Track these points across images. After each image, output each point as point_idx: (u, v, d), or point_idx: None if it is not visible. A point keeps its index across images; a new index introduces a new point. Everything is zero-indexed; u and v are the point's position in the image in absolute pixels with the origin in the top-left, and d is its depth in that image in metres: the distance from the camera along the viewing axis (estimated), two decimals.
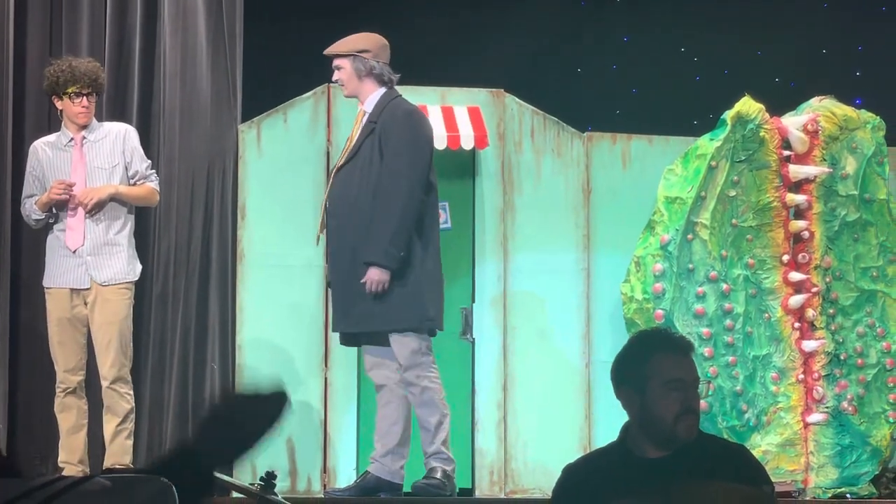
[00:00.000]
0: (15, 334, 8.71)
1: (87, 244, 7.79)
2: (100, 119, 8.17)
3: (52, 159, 7.95)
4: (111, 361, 7.71)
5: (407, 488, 7.65)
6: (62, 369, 7.82)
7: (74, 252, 7.79)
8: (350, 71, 7.69)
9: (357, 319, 7.52)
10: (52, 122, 8.83)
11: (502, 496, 8.91)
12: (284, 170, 9.04)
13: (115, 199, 7.85)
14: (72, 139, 7.95)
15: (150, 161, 8.13)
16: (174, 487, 3.88)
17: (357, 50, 7.71)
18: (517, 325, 9.14)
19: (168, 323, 8.96)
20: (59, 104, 7.95)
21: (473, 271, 9.08)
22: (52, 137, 8.07)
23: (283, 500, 5.09)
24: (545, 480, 8.58)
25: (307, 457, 8.85)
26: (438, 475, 7.43)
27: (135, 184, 7.97)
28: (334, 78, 7.77)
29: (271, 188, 9.04)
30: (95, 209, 7.80)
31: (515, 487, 8.99)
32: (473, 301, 9.05)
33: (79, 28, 9.00)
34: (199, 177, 9.10)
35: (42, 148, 8.03)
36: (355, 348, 8.76)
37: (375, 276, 7.31)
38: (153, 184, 8.04)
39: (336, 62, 7.74)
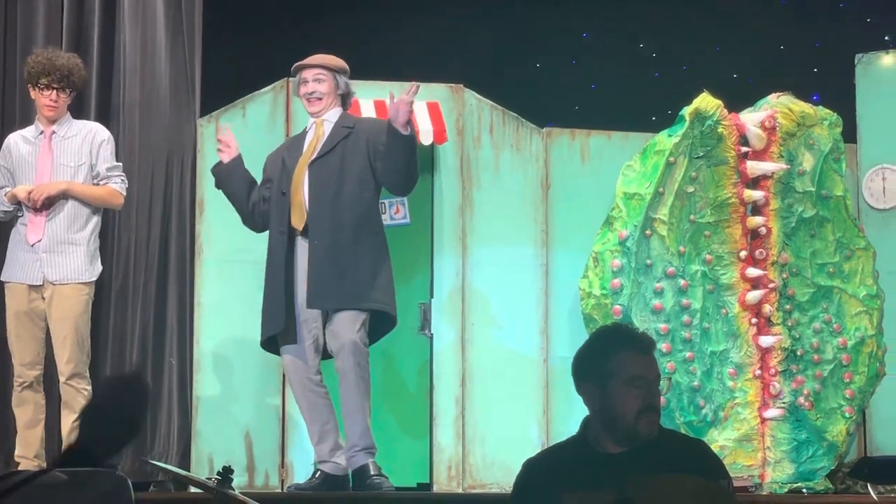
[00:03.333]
0: None
1: (46, 240, 7.70)
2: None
3: (22, 152, 7.88)
4: (67, 357, 7.63)
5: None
6: (19, 363, 7.74)
7: (33, 246, 7.70)
8: (332, 85, 7.79)
9: (335, 298, 7.50)
10: (6, 117, 8.76)
11: (460, 491, 8.89)
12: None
13: (67, 196, 7.75)
14: (42, 133, 7.87)
15: (118, 164, 8.02)
16: (129, 481, 3.84)
17: (340, 68, 7.84)
18: (475, 320, 9.12)
19: (128, 318, 8.94)
20: (32, 94, 7.89)
21: (432, 266, 9.07)
22: (26, 130, 8.00)
23: (239, 495, 5.05)
24: (503, 475, 8.57)
25: (265, 452, 8.82)
26: (375, 471, 7.44)
27: (96, 184, 7.88)
28: (311, 89, 7.75)
29: None
30: (44, 205, 7.71)
31: (473, 482, 8.97)
32: (432, 296, 9.03)
33: (34, 20, 8.93)
34: (158, 171, 9.09)
35: (15, 140, 7.97)
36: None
37: None
38: (116, 186, 7.92)
39: (318, 73, 7.77)
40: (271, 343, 7.71)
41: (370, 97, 9.02)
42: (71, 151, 7.84)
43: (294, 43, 9.79)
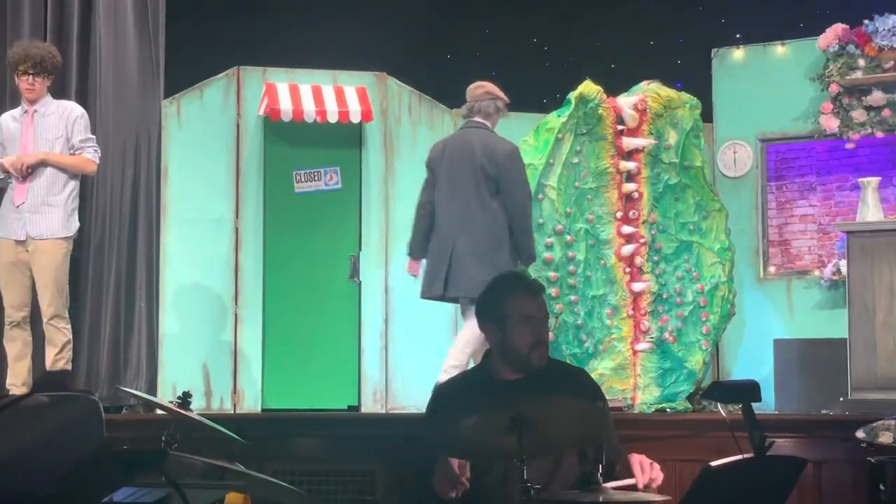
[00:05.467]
0: None
1: (28, 202, 7.56)
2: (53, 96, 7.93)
3: (11, 129, 7.74)
4: (48, 301, 7.52)
5: None
6: (8, 306, 7.63)
7: (17, 207, 7.58)
8: None
9: None
10: (0, 99, 8.64)
11: (384, 411, 8.88)
12: (200, 139, 8.95)
13: (45, 164, 7.59)
14: (25, 111, 7.73)
15: (92, 136, 7.84)
16: (101, 404, 3.76)
17: None
18: (397, 269, 9.09)
19: (104, 268, 8.87)
20: (15, 80, 7.76)
21: (360, 224, 9.02)
22: (14, 110, 7.87)
23: (196, 416, 4.98)
24: (419, 398, 8.54)
25: (219, 380, 8.76)
26: None
27: (72, 154, 7.73)
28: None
29: (189, 155, 8.95)
30: (25, 172, 7.56)
31: (394, 404, 8.97)
32: (360, 249, 8.98)
33: (21, 17, 8.79)
34: (129, 145, 9.00)
35: (5, 119, 7.83)
36: (261, 290, 8.72)
37: None
38: (89, 155, 7.77)
39: None
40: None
41: (308, 83, 8.94)
42: (49, 127, 7.69)
43: (242, 36, 9.72)
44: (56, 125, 7.70)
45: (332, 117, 8.75)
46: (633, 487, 4.46)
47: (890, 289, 7.53)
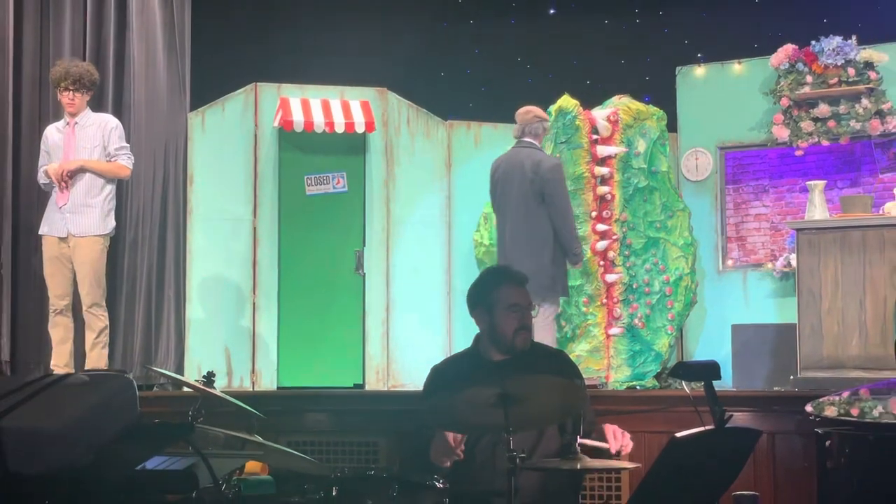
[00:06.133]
0: (16, 271, 8.54)
1: (69, 204, 7.58)
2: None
3: (55, 139, 7.75)
4: (87, 291, 7.54)
5: None
6: (52, 295, 7.64)
7: (60, 208, 7.59)
8: None
9: None
10: (41, 112, 8.65)
11: (386, 389, 8.89)
12: (222, 147, 8.94)
13: (83, 170, 7.61)
14: (67, 123, 7.72)
15: (126, 145, 7.84)
16: (134, 382, 3.77)
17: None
18: (397, 262, 9.10)
19: (137, 262, 8.87)
20: (58, 95, 7.76)
21: (364, 223, 9.02)
22: (58, 122, 7.87)
23: (219, 392, 5.00)
24: (417, 377, 8.54)
25: (239, 362, 8.76)
26: None
27: (108, 161, 7.74)
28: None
29: (213, 161, 8.93)
30: (65, 178, 7.58)
31: (395, 383, 8.97)
32: (364, 245, 8.98)
33: (62, 37, 8.80)
34: (159, 152, 9.00)
35: (50, 130, 7.84)
36: (276, 281, 8.72)
37: None
38: (123, 162, 7.78)
39: None
40: None
41: (318, 97, 8.95)
42: (88, 137, 7.70)
43: (260, 55, 9.71)
44: (94, 135, 7.71)
45: (339, 128, 8.75)
46: (607, 451, 4.49)
47: (834, 279, 7.55)
